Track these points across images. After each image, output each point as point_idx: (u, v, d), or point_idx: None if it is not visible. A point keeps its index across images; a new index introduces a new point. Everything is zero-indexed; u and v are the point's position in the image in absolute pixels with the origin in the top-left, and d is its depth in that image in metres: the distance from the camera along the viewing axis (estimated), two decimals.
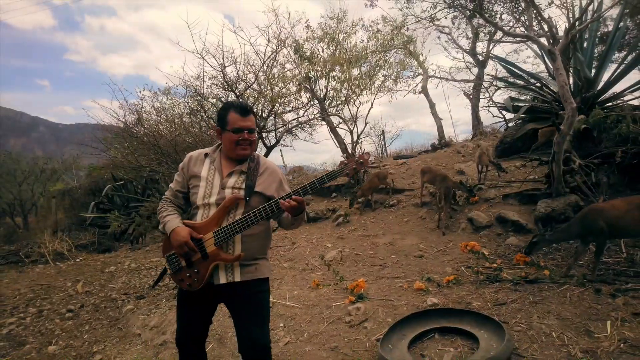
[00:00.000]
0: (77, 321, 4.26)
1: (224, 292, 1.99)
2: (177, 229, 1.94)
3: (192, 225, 1.98)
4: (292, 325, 3.43)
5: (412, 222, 6.31)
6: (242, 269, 1.97)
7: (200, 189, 2.01)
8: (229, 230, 1.90)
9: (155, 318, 3.93)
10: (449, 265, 4.43)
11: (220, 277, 1.96)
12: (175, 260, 2.01)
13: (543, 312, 2.97)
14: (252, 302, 1.99)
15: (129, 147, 9.32)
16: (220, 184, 2.00)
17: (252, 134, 2.02)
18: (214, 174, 2.04)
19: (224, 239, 1.91)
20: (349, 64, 7.93)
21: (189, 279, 1.97)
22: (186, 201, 2.14)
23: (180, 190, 2.13)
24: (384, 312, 3.37)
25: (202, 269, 1.95)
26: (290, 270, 5.07)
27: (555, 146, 5.23)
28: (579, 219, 3.71)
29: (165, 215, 2.06)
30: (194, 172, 2.07)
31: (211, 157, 2.09)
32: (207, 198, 1.99)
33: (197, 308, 2.05)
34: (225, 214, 1.95)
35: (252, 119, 2.03)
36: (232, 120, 2.00)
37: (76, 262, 8.61)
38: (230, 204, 1.94)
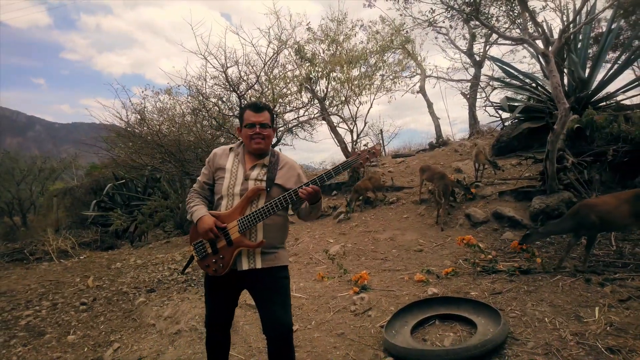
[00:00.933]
0: (91, 313, 4.43)
1: (247, 279, 2.18)
2: (203, 217, 2.13)
3: (217, 214, 2.17)
4: (300, 315, 3.62)
5: (411, 219, 6.51)
6: (263, 257, 2.16)
7: (225, 180, 2.19)
8: (252, 218, 2.09)
9: (168, 309, 4.11)
10: (447, 258, 4.63)
11: (243, 263, 2.14)
12: (202, 247, 2.20)
13: (536, 300, 3.17)
14: (274, 287, 2.17)
15: (133, 146, 9.46)
16: (243, 176, 2.19)
17: (264, 128, 2.19)
18: (238, 166, 2.23)
19: (247, 226, 2.10)
20: (349, 64, 8.12)
21: (214, 264, 2.15)
22: (212, 193, 2.33)
23: (207, 182, 2.32)
24: (387, 301, 3.57)
25: (226, 255, 2.13)
26: (295, 264, 5.27)
27: (549, 145, 5.44)
28: (572, 214, 3.92)
29: (193, 205, 2.24)
30: (219, 165, 2.25)
31: (235, 152, 2.29)
32: (231, 188, 2.18)
33: (222, 294, 2.24)
34: (249, 203, 2.14)
35: (265, 115, 2.21)
36: (246, 117, 2.21)
37: (80, 259, 8.74)
38: (253, 194, 2.13)
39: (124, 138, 10.23)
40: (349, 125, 8.99)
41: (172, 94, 10.20)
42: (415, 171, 8.84)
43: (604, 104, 7.94)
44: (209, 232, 2.09)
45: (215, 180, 2.28)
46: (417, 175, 8.25)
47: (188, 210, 2.26)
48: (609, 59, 9.61)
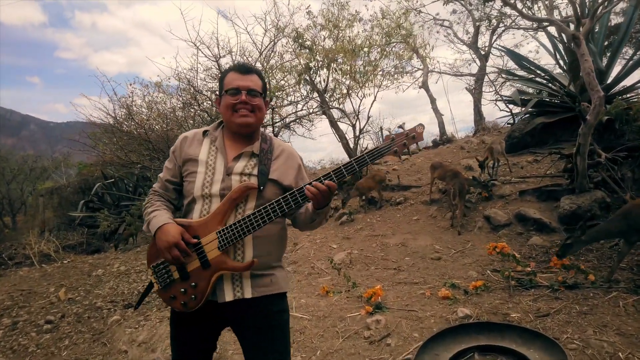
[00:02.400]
0: (55, 334, 3.77)
1: (230, 313, 1.53)
2: (164, 226, 1.48)
3: (188, 224, 1.51)
4: (302, 341, 2.97)
5: (422, 221, 5.89)
6: (254, 282, 1.50)
7: (199, 176, 1.55)
8: (238, 229, 1.44)
9: (144, 332, 3.45)
10: (471, 268, 4.00)
11: (225, 292, 1.48)
12: (164, 271, 1.54)
13: (598, 326, 2.55)
14: (268, 327, 1.52)
15: (118, 142, 8.80)
16: (224, 169, 1.54)
17: (254, 97, 1.55)
18: (216, 156, 1.58)
19: (231, 240, 1.45)
20: (352, 53, 7.48)
21: (183, 295, 1.49)
22: (179, 194, 1.67)
23: (170, 179, 1.65)
24: (408, 325, 2.93)
25: (201, 282, 1.47)
26: (295, 274, 4.62)
27: (580, 138, 4.82)
28: (622, 215, 3.30)
29: (151, 211, 1.58)
30: (189, 155, 1.59)
31: (211, 136, 1.63)
32: (207, 187, 1.53)
33: (196, 333, 1.57)
34: (233, 208, 1.48)
35: (254, 80, 1.57)
36: (228, 80, 1.57)
37: (63, 263, 8.10)
38: (239, 195, 1.47)
39: (109, 134, 9.56)
40: (351, 120, 8.36)
41: (161, 87, 9.53)
42: (421, 169, 8.23)
43: (621, 98, 7.36)
44: (173, 249, 1.43)
45: (184, 176, 1.61)
46: (425, 174, 7.65)
47: (145, 218, 1.59)
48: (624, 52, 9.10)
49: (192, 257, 1.48)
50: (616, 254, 3.76)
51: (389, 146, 1.46)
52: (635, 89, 7.47)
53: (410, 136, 1.47)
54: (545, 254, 4.15)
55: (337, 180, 1.43)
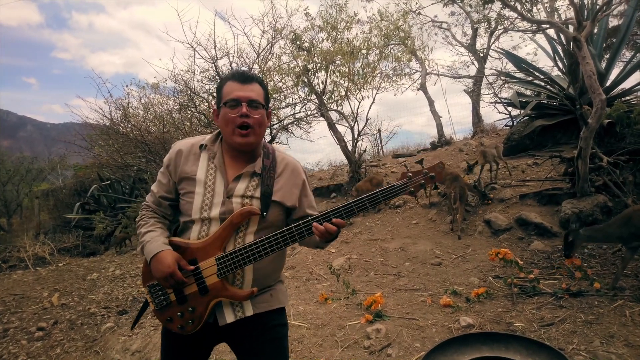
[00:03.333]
0: (47, 342, 3.68)
1: (228, 330, 1.45)
2: (160, 255, 1.38)
3: (186, 245, 1.42)
4: (300, 351, 2.89)
5: (421, 225, 5.82)
6: (254, 299, 1.44)
7: (197, 198, 1.44)
8: (238, 258, 1.37)
9: (137, 340, 3.37)
10: (473, 274, 3.93)
11: (226, 315, 1.42)
12: (160, 292, 1.46)
13: (605, 336, 2.48)
14: (268, 341, 1.46)
15: (113, 144, 8.70)
16: (224, 192, 1.43)
17: (255, 108, 1.42)
18: (215, 176, 1.46)
19: (231, 269, 1.38)
20: (350, 55, 7.40)
21: (180, 319, 1.42)
22: (174, 209, 1.57)
23: (165, 195, 1.54)
24: (409, 334, 2.86)
25: (199, 307, 1.40)
26: (293, 280, 4.54)
27: (581, 141, 4.77)
28: (623, 220, 3.23)
29: (145, 232, 1.48)
30: (185, 173, 1.48)
31: (210, 151, 1.50)
32: (206, 211, 1.43)
33: (189, 347, 1.50)
34: (232, 233, 1.40)
35: (256, 89, 1.44)
36: (227, 90, 1.43)
37: (58, 267, 8.01)
38: (240, 220, 1.39)
39: (105, 136, 9.46)
40: (349, 122, 8.27)
41: (158, 88, 9.43)
42: None
43: (619, 101, 7.34)
44: (169, 279, 1.36)
45: (181, 195, 1.51)
46: None
47: (139, 238, 1.49)
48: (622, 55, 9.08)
49: (189, 281, 1.41)
50: (620, 260, 3.70)
51: (405, 186, 1.38)
52: (634, 91, 7.44)
53: (428, 176, 1.38)
54: (547, 260, 4.09)
55: (347, 216, 1.35)
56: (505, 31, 12.08)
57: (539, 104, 7.85)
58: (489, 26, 11.31)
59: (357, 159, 8.14)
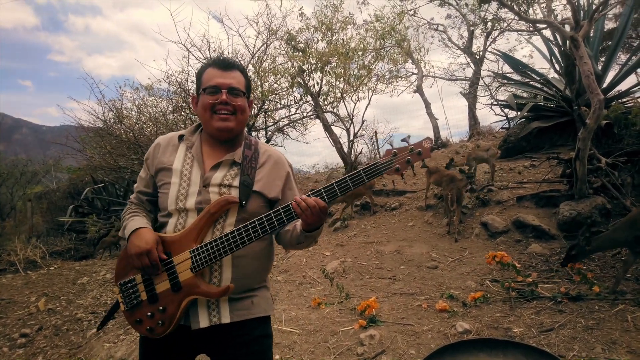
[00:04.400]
0: (30, 349, 3.55)
1: (204, 338, 1.35)
2: (140, 230, 1.32)
3: (161, 238, 1.34)
4: (290, 358, 2.78)
5: (417, 227, 5.73)
6: (233, 305, 1.33)
7: (172, 188, 1.36)
8: (214, 249, 1.27)
9: (123, 347, 3.24)
10: (469, 278, 3.84)
11: (200, 318, 1.31)
12: (132, 290, 1.36)
13: (607, 342, 2.38)
14: (248, 354, 1.34)
15: (106, 146, 8.58)
16: (201, 181, 1.36)
17: (236, 96, 1.36)
18: (192, 165, 1.39)
19: (206, 262, 1.27)
20: (346, 56, 7.34)
21: (149, 320, 1.31)
22: (154, 206, 1.49)
23: (143, 190, 1.48)
24: (404, 340, 2.75)
25: (170, 307, 1.29)
26: (286, 284, 4.42)
27: (580, 142, 4.69)
28: (628, 224, 3.15)
29: (129, 215, 1.43)
30: (162, 164, 1.41)
31: (188, 141, 1.44)
32: (181, 201, 1.35)
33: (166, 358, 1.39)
34: (211, 223, 1.31)
35: (237, 76, 1.39)
36: (207, 77, 1.37)
37: (49, 270, 7.88)
38: (217, 209, 1.29)
39: (98, 137, 9.34)
40: (345, 124, 8.20)
41: (152, 90, 9.33)
42: (417, 174, 8.08)
43: (615, 103, 7.31)
44: (144, 257, 1.27)
45: (158, 187, 1.43)
46: (420, 178, 7.50)
47: (122, 224, 1.42)
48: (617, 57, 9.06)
49: (162, 278, 1.31)
50: (620, 263, 3.62)
51: (389, 162, 1.27)
52: (630, 93, 7.41)
53: (415, 152, 1.28)
54: (546, 263, 4.00)
55: (329, 198, 1.25)
56: (501, 32, 12.06)
57: (535, 106, 7.79)
58: (485, 27, 11.27)
59: (353, 160, 8.07)
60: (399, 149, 1.30)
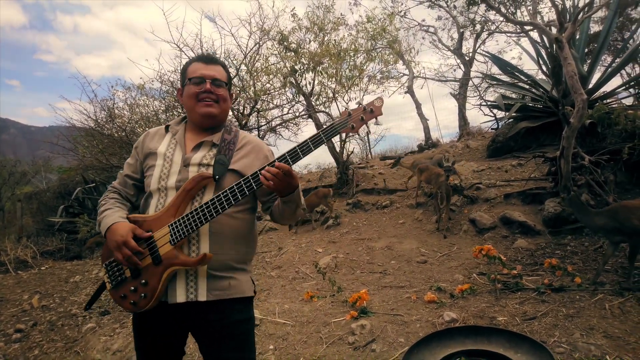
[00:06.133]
0: (25, 344, 3.59)
1: (184, 316, 1.42)
2: (113, 226, 1.40)
3: (142, 219, 1.44)
4: (284, 348, 2.87)
5: (408, 224, 5.85)
6: (210, 284, 1.39)
7: (156, 170, 1.48)
8: (190, 220, 1.35)
9: (119, 340, 3.30)
10: (457, 272, 3.96)
11: (177, 293, 1.38)
12: (116, 269, 1.45)
13: (585, 329, 2.51)
14: (228, 336, 1.41)
15: (98, 144, 8.57)
16: (182, 161, 1.47)
17: (218, 86, 1.51)
18: (175, 148, 1.52)
19: (184, 233, 1.36)
20: (338, 56, 7.43)
21: (133, 294, 1.39)
22: (138, 191, 1.60)
23: (131, 175, 1.59)
24: (393, 330, 2.85)
25: (152, 280, 1.37)
26: (279, 279, 4.51)
27: (564, 141, 4.85)
28: (610, 214, 3.26)
29: (104, 209, 1.50)
30: (149, 149, 1.54)
31: (173, 130, 1.58)
32: (163, 180, 1.46)
33: (157, 340, 1.46)
34: (188, 200, 1.41)
35: (219, 70, 1.54)
36: (192, 70, 1.52)
37: (40, 270, 7.85)
38: (193, 185, 1.40)
39: (90, 137, 9.32)
40: None
41: (144, 89, 9.33)
42: (407, 173, 8.21)
43: (599, 103, 7.51)
44: (122, 248, 1.35)
45: (145, 172, 1.54)
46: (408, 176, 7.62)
47: (97, 218, 1.50)
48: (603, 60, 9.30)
49: (144, 254, 1.39)
50: (601, 256, 3.76)
51: (345, 121, 1.38)
52: (615, 94, 7.61)
53: (367, 110, 1.40)
54: (531, 257, 4.13)
55: (293, 161, 1.34)
56: (490, 34, 12.25)
57: (523, 106, 7.96)
58: (474, 29, 11.46)
59: (345, 160, 8.15)
60: (353, 110, 1.41)
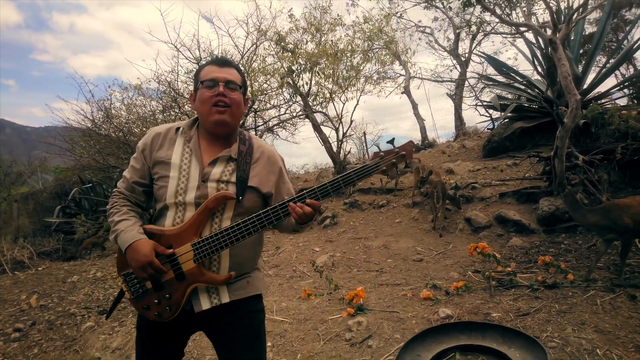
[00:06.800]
0: (24, 343, 3.60)
1: (204, 318, 1.45)
2: (135, 244, 1.36)
3: (161, 232, 1.41)
4: (282, 345, 2.91)
5: (404, 223, 5.90)
6: (230, 286, 1.44)
7: (172, 182, 1.42)
8: (214, 243, 1.37)
9: (118, 338, 3.33)
10: (453, 269, 4.01)
11: (202, 301, 1.41)
12: (136, 280, 1.44)
13: (577, 324, 2.56)
14: (245, 327, 1.45)
15: (95, 144, 8.57)
16: (199, 176, 1.42)
17: (232, 90, 1.43)
18: (191, 160, 1.45)
19: (207, 254, 1.37)
20: (335, 57, 7.48)
21: (157, 307, 1.41)
22: (147, 196, 1.55)
23: (139, 181, 1.51)
24: (389, 326, 2.90)
25: (176, 294, 1.39)
26: (276, 278, 4.54)
27: (558, 141, 4.92)
28: (603, 212, 3.32)
29: (118, 220, 1.44)
30: (160, 158, 1.46)
31: (186, 135, 1.50)
32: (181, 195, 1.41)
33: (163, 339, 1.48)
34: (208, 218, 1.40)
35: (233, 73, 1.47)
36: (205, 73, 1.45)
37: (37, 271, 7.83)
38: (215, 205, 1.38)
39: (87, 137, 9.31)
40: (334, 124, 8.34)
41: (141, 90, 9.34)
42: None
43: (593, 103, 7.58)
44: (147, 268, 1.34)
45: (155, 179, 1.48)
46: (407, 177, 7.68)
47: (111, 227, 1.47)
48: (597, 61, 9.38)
49: (166, 270, 1.40)
50: (594, 254, 3.82)
51: (377, 165, 1.40)
52: (609, 94, 7.68)
53: (399, 155, 1.42)
54: (525, 255, 4.19)
55: (322, 197, 1.37)
56: (486, 35, 12.33)
57: (518, 107, 8.03)
58: (470, 30, 11.53)
59: (342, 160, 8.20)
60: (385, 151, 1.43)
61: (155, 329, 1.47)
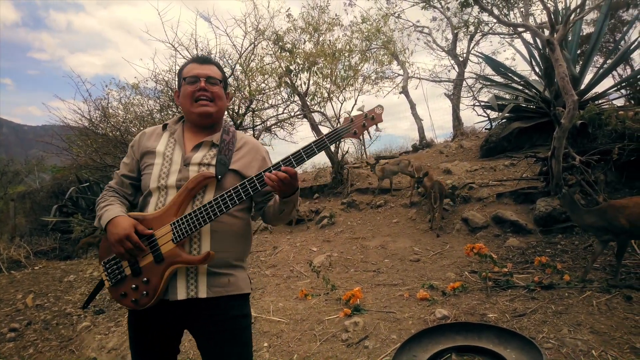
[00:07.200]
0: (20, 343, 3.59)
1: (184, 313, 1.43)
2: (115, 219, 1.40)
3: (142, 217, 1.44)
4: (278, 345, 2.90)
5: (402, 224, 5.90)
6: (210, 280, 1.41)
7: (155, 168, 1.49)
8: (193, 220, 1.37)
9: (114, 338, 3.32)
10: (449, 270, 4.01)
11: (178, 290, 1.39)
12: (116, 267, 1.45)
13: (573, 325, 2.57)
14: (225, 331, 1.43)
15: (92, 144, 8.54)
16: (182, 160, 1.49)
17: (213, 84, 1.52)
18: (174, 147, 1.53)
19: (187, 231, 1.38)
20: (332, 57, 7.47)
21: (134, 292, 1.40)
22: (136, 190, 1.61)
23: (127, 174, 1.59)
24: (386, 327, 2.90)
25: (153, 278, 1.38)
26: (273, 278, 4.54)
27: (555, 141, 4.92)
28: (599, 213, 3.33)
29: (103, 206, 1.50)
30: (147, 148, 1.55)
31: (171, 129, 1.59)
32: (163, 179, 1.47)
33: (154, 336, 1.47)
34: (189, 199, 1.42)
35: (213, 69, 1.56)
36: (187, 70, 1.54)
37: (34, 270, 7.80)
38: (195, 185, 1.42)
39: (84, 136, 9.29)
40: (332, 124, 8.34)
41: (138, 89, 9.31)
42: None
43: (591, 104, 7.60)
44: (125, 241, 1.35)
45: (142, 170, 1.54)
46: (404, 178, 7.68)
47: (97, 213, 1.50)
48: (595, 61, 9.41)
49: (144, 252, 1.40)
50: (590, 254, 3.83)
51: (347, 127, 1.45)
52: (606, 95, 7.71)
53: (369, 117, 1.46)
54: (522, 255, 4.20)
55: (297, 164, 1.39)
56: (484, 35, 12.34)
57: (516, 107, 8.04)
58: (467, 31, 11.54)
59: (340, 160, 8.20)
60: (354, 116, 1.47)
61: (142, 321, 1.47)
